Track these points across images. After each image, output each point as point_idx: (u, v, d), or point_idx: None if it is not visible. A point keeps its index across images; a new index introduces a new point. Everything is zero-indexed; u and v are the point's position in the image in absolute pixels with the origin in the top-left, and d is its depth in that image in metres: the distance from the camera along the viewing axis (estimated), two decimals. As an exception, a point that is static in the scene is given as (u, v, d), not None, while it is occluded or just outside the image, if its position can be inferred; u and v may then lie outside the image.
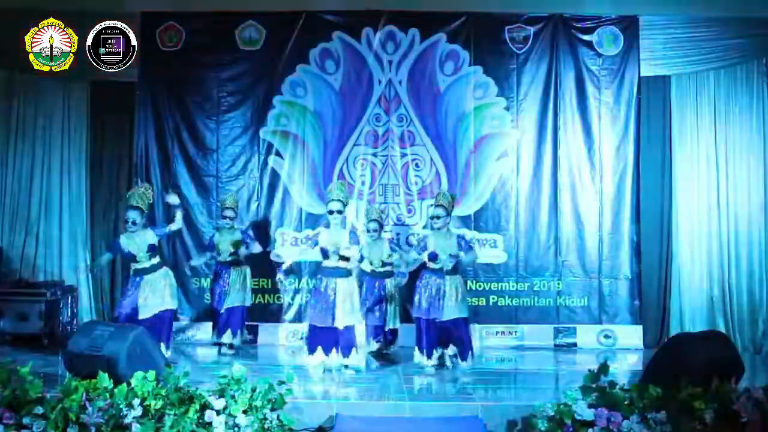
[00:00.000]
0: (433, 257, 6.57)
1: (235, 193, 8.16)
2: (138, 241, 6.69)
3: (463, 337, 6.61)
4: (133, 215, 6.68)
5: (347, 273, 6.55)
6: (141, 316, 6.53)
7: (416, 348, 6.72)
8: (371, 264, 7.34)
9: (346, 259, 6.45)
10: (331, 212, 6.64)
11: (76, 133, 8.73)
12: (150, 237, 6.75)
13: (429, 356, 6.61)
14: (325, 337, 6.43)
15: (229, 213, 7.67)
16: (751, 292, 8.35)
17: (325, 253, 6.51)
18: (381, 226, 7.54)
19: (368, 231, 7.41)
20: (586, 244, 8.56)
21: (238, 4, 8.49)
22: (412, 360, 6.81)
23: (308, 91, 8.67)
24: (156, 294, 6.65)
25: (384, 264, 7.37)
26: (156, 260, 6.79)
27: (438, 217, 6.67)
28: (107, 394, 4.52)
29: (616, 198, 8.58)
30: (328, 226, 6.73)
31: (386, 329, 7.32)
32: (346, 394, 5.79)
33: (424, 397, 5.85)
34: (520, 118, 8.67)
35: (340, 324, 6.37)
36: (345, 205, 6.68)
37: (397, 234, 8.56)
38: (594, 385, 4.76)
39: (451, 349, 6.65)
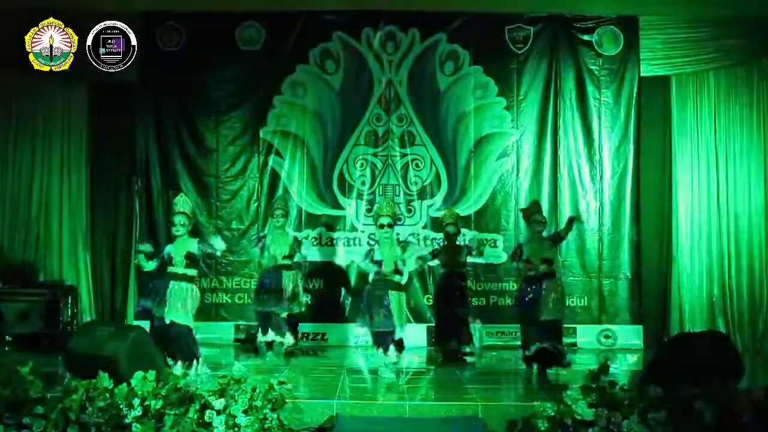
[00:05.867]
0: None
1: (285, 195, 8.31)
2: (178, 246, 6.60)
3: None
4: (180, 219, 6.58)
5: (399, 286, 6.69)
6: (166, 319, 6.46)
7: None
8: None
9: (400, 272, 6.65)
10: (381, 226, 6.66)
11: (76, 133, 8.71)
12: (192, 246, 6.60)
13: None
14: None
15: (279, 213, 7.60)
16: (751, 292, 8.37)
17: (380, 264, 6.62)
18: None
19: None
20: (586, 244, 8.57)
21: (238, 4, 8.49)
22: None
23: (308, 91, 8.68)
24: (180, 304, 6.47)
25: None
26: (191, 272, 6.57)
27: (543, 223, 6.79)
28: (107, 394, 4.52)
29: (616, 198, 8.59)
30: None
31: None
32: (346, 394, 5.79)
33: (424, 397, 5.85)
34: (520, 118, 8.67)
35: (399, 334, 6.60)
36: (395, 220, 6.77)
37: (397, 234, 8.54)
38: (594, 385, 4.76)
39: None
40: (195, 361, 6.51)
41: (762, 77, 8.53)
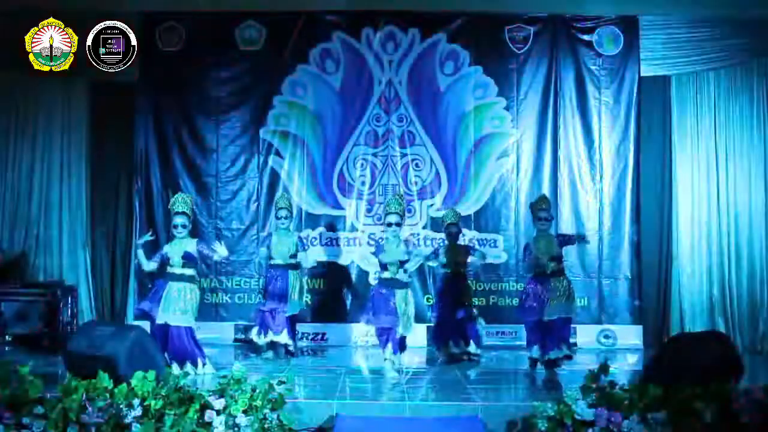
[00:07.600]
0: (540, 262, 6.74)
1: (286, 194, 8.19)
2: (177, 246, 6.62)
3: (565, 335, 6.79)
4: (181, 219, 6.64)
5: (405, 284, 6.77)
6: (157, 321, 6.49)
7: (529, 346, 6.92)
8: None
9: (404, 270, 6.73)
10: (389, 225, 6.80)
11: (76, 133, 8.71)
12: (190, 246, 6.63)
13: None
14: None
15: (283, 213, 7.54)
16: (752, 292, 8.35)
17: (384, 266, 6.72)
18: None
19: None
20: (586, 244, 8.55)
21: (238, 4, 8.50)
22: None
23: (308, 91, 8.67)
24: (177, 305, 6.49)
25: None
26: (189, 272, 6.62)
27: (547, 220, 6.88)
28: (107, 394, 4.52)
29: (616, 198, 8.59)
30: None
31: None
32: (346, 394, 5.79)
33: (424, 397, 5.85)
34: (520, 118, 8.67)
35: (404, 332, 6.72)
36: (402, 217, 6.88)
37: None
38: (594, 385, 4.77)
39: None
40: (199, 362, 6.53)
41: (762, 77, 8.52)
